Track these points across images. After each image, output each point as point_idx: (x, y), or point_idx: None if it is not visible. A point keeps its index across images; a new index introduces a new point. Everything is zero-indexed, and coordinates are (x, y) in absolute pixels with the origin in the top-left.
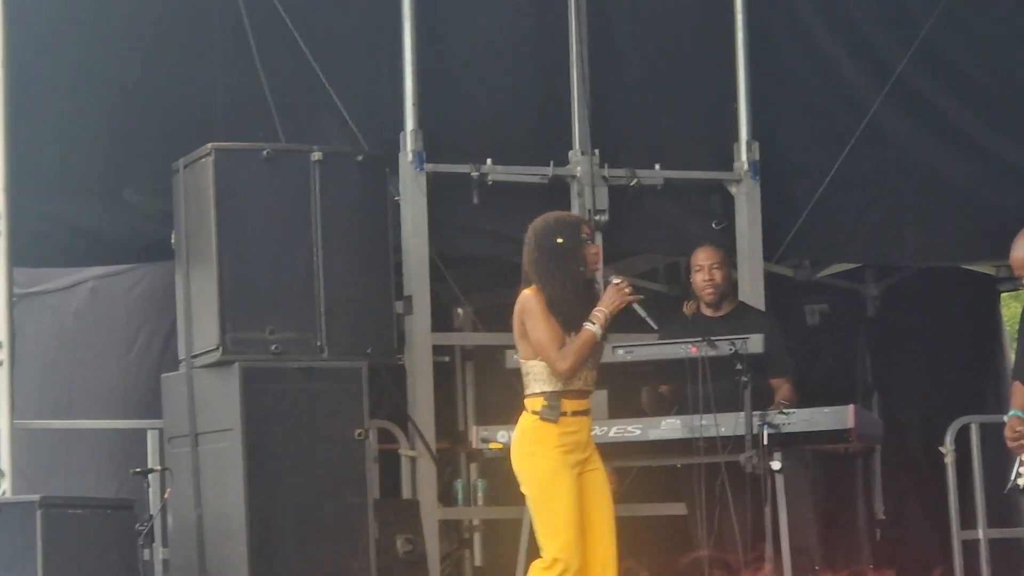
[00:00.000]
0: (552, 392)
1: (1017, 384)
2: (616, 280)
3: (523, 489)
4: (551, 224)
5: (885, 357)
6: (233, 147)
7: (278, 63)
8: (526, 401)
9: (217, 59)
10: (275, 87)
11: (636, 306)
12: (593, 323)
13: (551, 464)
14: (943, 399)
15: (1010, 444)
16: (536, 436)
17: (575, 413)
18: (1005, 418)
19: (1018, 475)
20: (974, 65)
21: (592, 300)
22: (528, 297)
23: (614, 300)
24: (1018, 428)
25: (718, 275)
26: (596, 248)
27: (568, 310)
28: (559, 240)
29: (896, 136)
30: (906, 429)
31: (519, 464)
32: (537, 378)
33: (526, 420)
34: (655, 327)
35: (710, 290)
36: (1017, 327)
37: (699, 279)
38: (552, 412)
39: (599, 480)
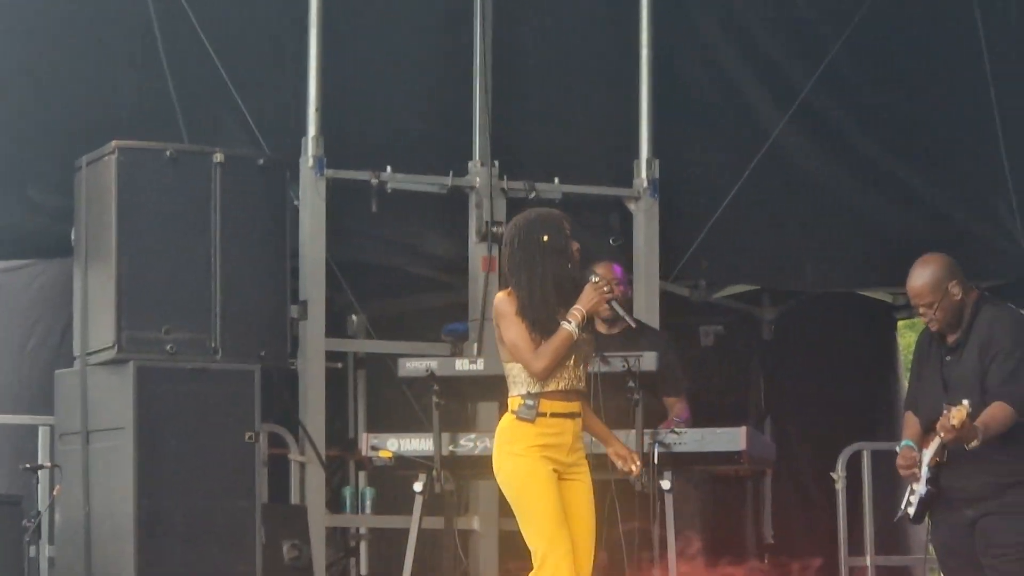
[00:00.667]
0: (531, 393)
1: (909, 414)
2: (595, 278)
3: (504, 492)
4: (534, 221)
5: (779, 381)
6: (136, 146)
7: (185, 65)
8: (508, 401)
9: (124, 59)
10: (181, 89)
11: (613, 304)
12: (570, 322)
13: (527, 463)
14: (836, 425)
15: (902, 473)
16: (512, 435)
17: (555, 415)
18: (897, 448)
19: (908, 504)
20: (878, 92)
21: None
22: (500, 299)
23: (592, 299)
24: (910, 458)
25: (616, 292)
26: (578, 245)
27: (545, 311)
28: (545, 238)
29: (798, 160)
30: (798, 453)
31: (497, 465)
32: (516, 380)
33: (504, 419)
34: (633, 324)
35: (607, 306)
36: (912, 355)
37: None
38: (529, 412)
39: (581, 491)
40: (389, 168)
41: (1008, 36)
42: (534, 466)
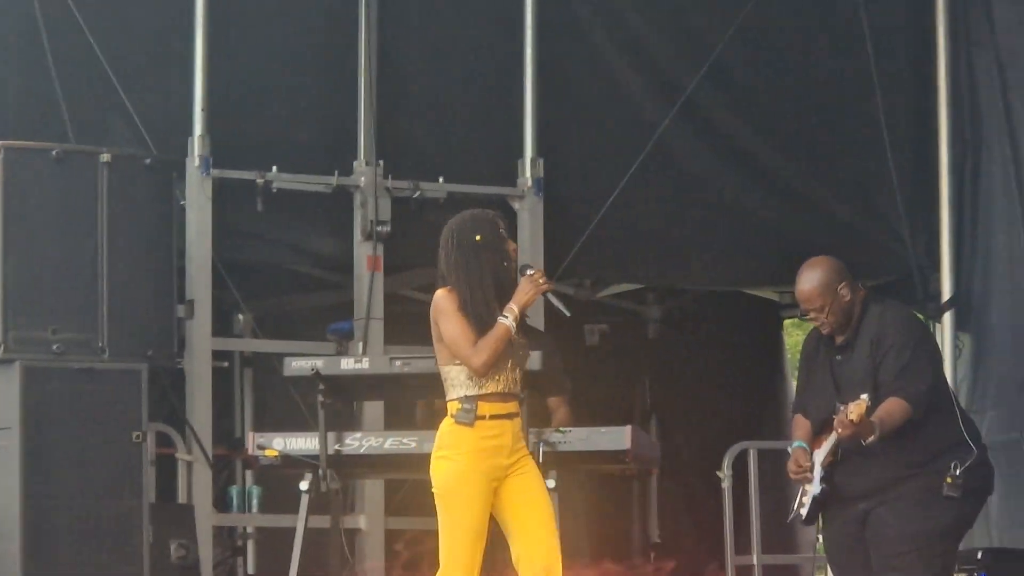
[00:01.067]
0: (468, 396)
1: (798, 417)
2: (530, 271)
3: (435, 496)
4: (467, 222)
5: (665, 380)
6: (22, 146)
7: (70, 64)
8: (446, 406)
9: (11, 58)
10: (67, 88)
11: (550, 295)
12: (507, 316)
13: (460, 469)
14: (722, 424)
15: (794, 477)
16: (450, 440)
17: (494, 417)
18: (789, 449)
19: (801, 504)
20: (764, 90)
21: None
22: (440, 297)
23: (527, 292)
24: (803, 462)
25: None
26: (515, 245)
27: (486, 308)
28: (478, 237)
29: (684, 158)
30: (684, 452)
31: (432, 469)
32: (454, 383)
33: (443, 424)
34: (568, 314)
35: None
36: (799, 356)
37: None
38: (467, 415)
39: (529, 479)
40: (275, 168)
41: (893, 35)
42: (467, 475)
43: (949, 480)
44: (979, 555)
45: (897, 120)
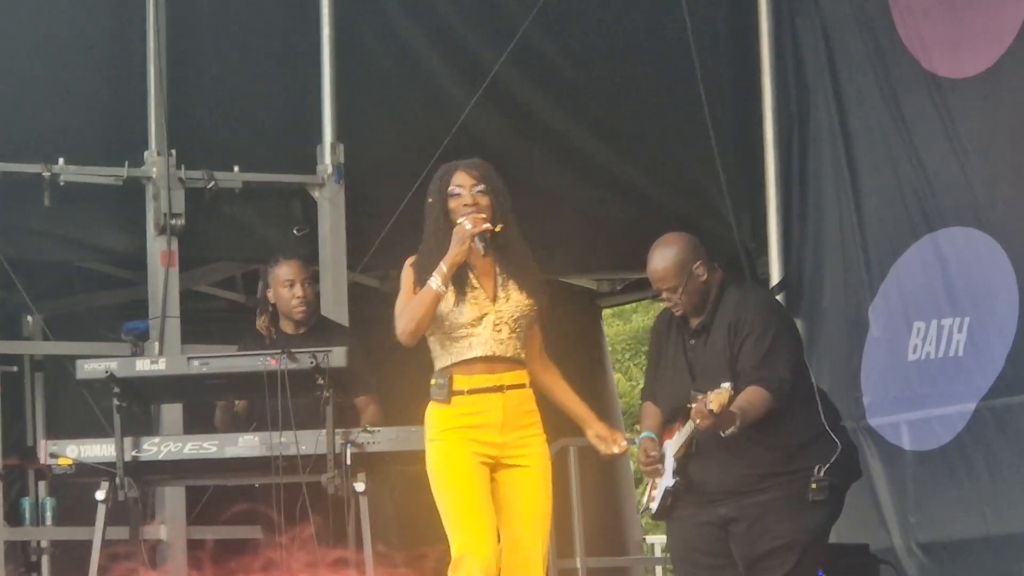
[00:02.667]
0: (442, 368)
1: (648, 405)
2: (461, 220)
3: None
4: (430, 184)
5: None
6: None
7: None
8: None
9: None
10: None
11: (478, 241)
12: (435, 278)
13: (444, 448)
14: (541, 420)
15: (644, 469)
16: (430, 420)
17: (473, 391)
18: (636, 440)
19: (651, 499)
20: (574, 68)
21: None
22: (404, 266)
23: (454, 247)
24: (652, 452)
25: (309, 291)
26: (469, 199)
27: (428, 273)
28: (429, 199)
29: (491, 143)
30: None
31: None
32: (433, 356)
33: (428, 406)
34: (496, 228)
35: (301, 308)
36: (622, 349)
37: (287, 295)
38: (440, 391)
39: (525, 479)
40: (62, 160)
41: (713, 8)
42: (449, 449)
43: (814, 485)
44: None
45: (718, 96)
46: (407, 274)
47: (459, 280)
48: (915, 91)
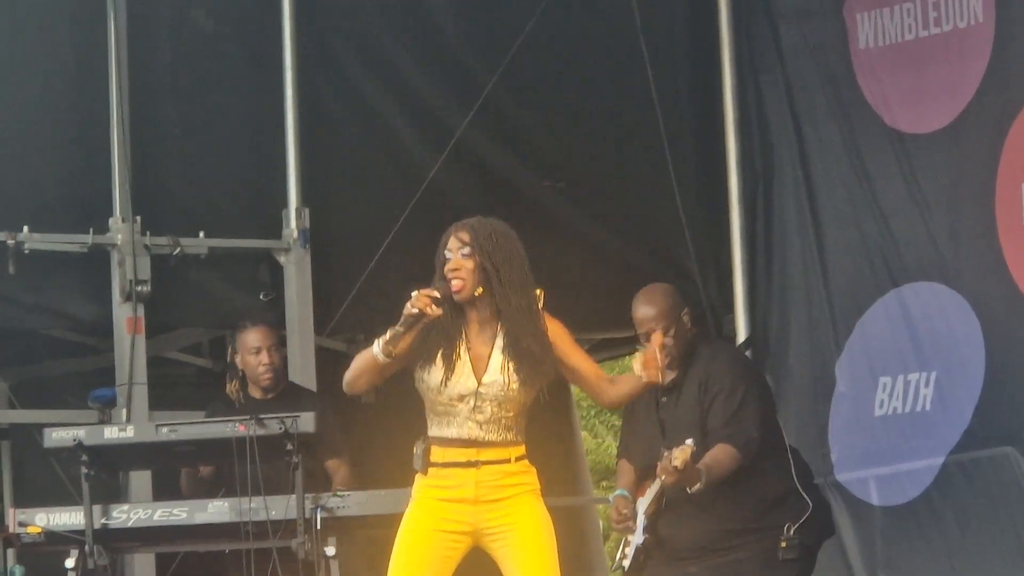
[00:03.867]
0: (426, 437)
1: (622, 462)
2: (414, 294)
3: None
4: None
5: None
6: None
7: None
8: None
9: None
10: None
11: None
12: (377, 342)
13: (411, 515)
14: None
15: (616, 527)
16: (415, 485)
17: (448, 464)
18: (611, 497)
19: (623, 555)
20: (538, 127)
21: (457, 318)
22: None
23: (405, 311)
24: (623, 510)
25: (276, 357)
26: (456, 263)
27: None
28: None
29: (458, 201)
30: None
31: None
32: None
33: None
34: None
35: (268, 375)
36: (588, 407)
37: (254, 361)
38: (418, 460)
39: (511, 553)
40: (26, 228)
41: (676, 65)
42: (413, 517)
43: (784, 544)
44: None
45: (682, 154)
46: None
47: (447, 353)
48: (878, 147)
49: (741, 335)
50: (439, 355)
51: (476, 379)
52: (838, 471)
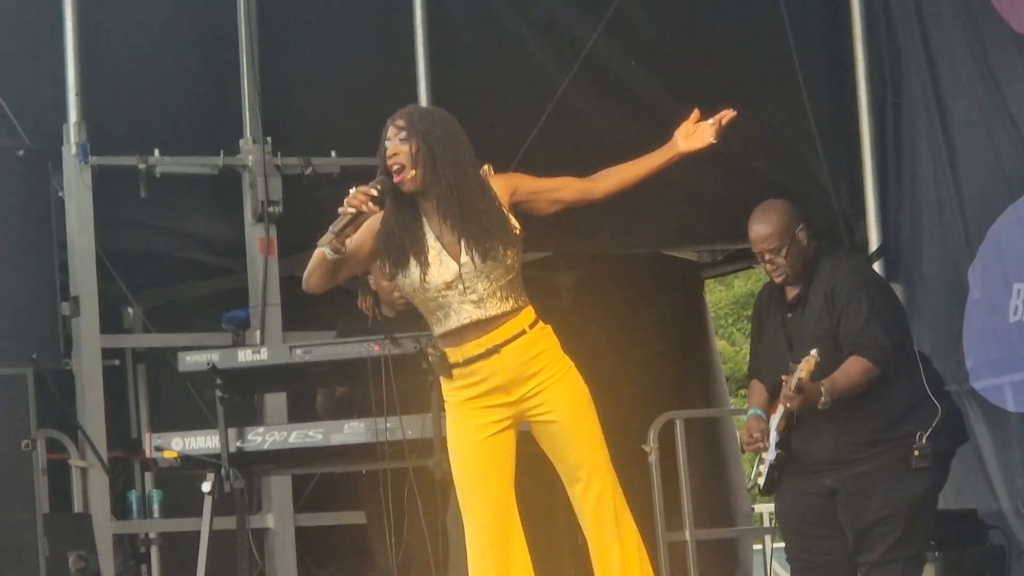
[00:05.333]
0: (436, 339)
1: (754, 382)
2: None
3: None
4: None
5: (582, 351)
6: None
7: None
8: None
9: None
10: None
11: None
12: (324, 236)
13: (452, 434)
14: (645, 394)
15: (748, 448)
16: (445, 396)
17: (469, 361)
18: (744, 417)
19: (758, 473)
20: (669, 41)
21: (414, 208)
22: None
23: (340, 210)
24: (755, 431)
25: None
26: (394, 149)
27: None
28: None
29: (587, 118)
30: (605, 428)
31: None
32: None
33: None
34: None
35: (403, 300)
36: (724, 315)
37: (387, 286)
38: (440, 365)
39: (556, 434)
40: (157, 151)
41: None
42: (452, 435)
43: (917, 453)
44: None
45: (812, 64)
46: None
47: (416, 247)
48: (1005, 52)
49: (873, 244)
50: (409, 252)
51: (455, 261)
52: (973, 378)
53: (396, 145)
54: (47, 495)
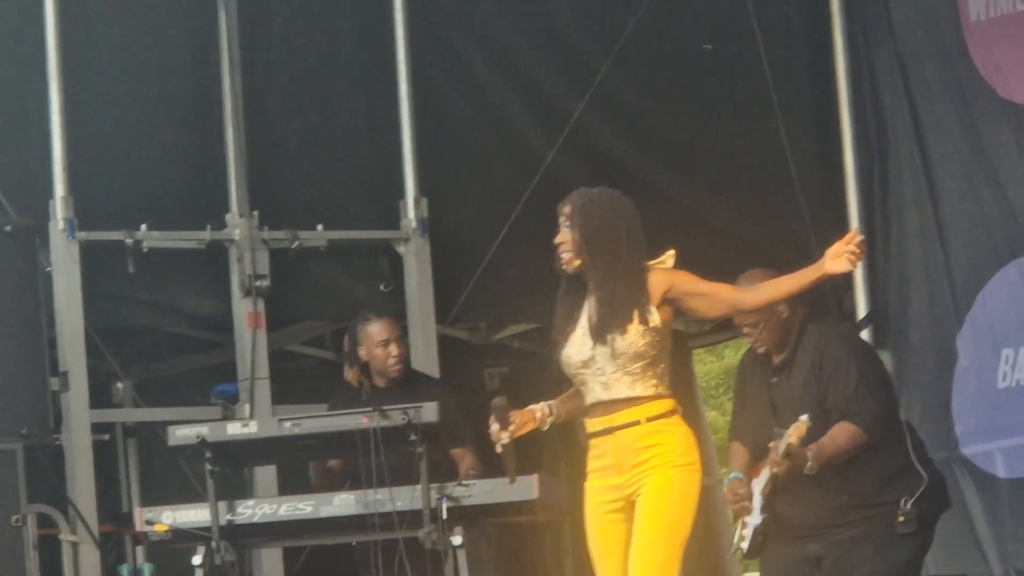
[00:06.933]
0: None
1: (735, 444)
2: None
3: None
4: None
5: (572, 422)
6: None
7: None
8: None
9: None
10: None
11: None
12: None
13: (585, 507)
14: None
15: (732, 508)
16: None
17: (593, 435)
18: (725, 480)
19: (741, 538)
20: (654, 112)
21: (580, 291)
22: None
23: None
24: (739, 491)
25: (403, 348)
26: (561, 237)
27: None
28: None
29: (574, 187)
30: None
31: None
32: None
33: None
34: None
35: (398, 366)
36: (715, 385)
37: (382, 354)
38: (581, 435)
39: (637, 514)
40: (144, 226)
41: (790, 43)
42: (586, 501)
43: (902, 518)
44: None
45: (799, 132)
46: None
47: (571, 325)
48: (993, 119)
49: (861, 311)
50: (565, 329)
51: (593, 341)
52: (963, 445)
53: (563, 232)
54: (38, 570)
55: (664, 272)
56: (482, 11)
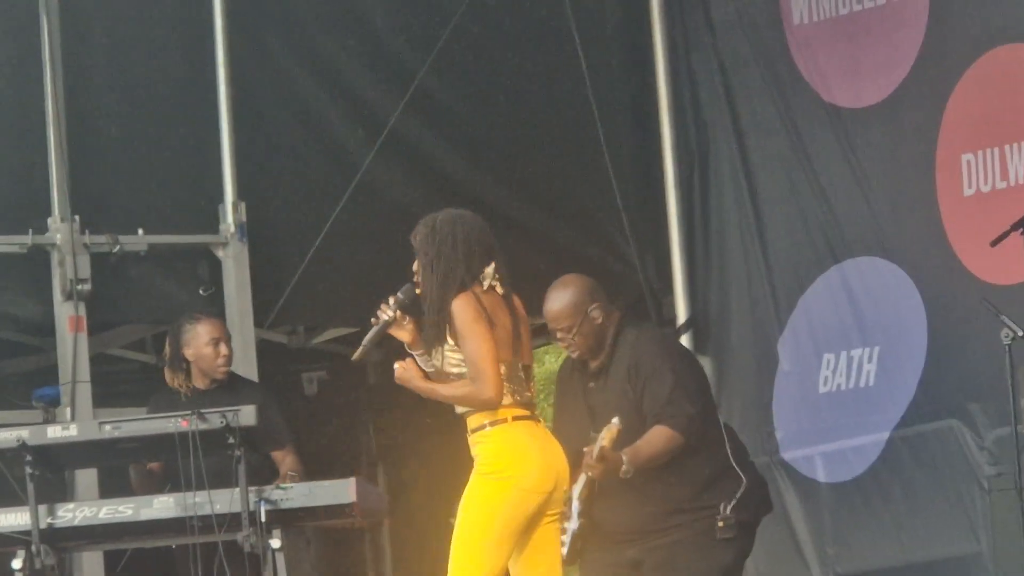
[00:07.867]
0: None
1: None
2: None
3: None
4: None
5: (390, 425)
6: None
7: None
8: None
9: None
10: None
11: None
12: None
13: None
14: (453, 465)
15: None
16: None
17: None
18: None
19: (561, 543)
20: (472, 115)
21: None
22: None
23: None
24: None
25: (230, 348)
26: (415, 265)
27: None
28: None
29: (393, 194)
30: (414, 497)
31: None
32: None
33: None
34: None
35: (225, 366)
36: (536, 391)
37: (211, 353)
38: None
39: None
40: None
41: (608, 46)
42: None
43: (721, 524)
44: None
45: (618, 137)
46: None
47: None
48: (816, 122)
49: (681, 317)
50: None
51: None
52: (784, 449)
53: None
54: None
55: (461, 301)
56: (301, 16)
